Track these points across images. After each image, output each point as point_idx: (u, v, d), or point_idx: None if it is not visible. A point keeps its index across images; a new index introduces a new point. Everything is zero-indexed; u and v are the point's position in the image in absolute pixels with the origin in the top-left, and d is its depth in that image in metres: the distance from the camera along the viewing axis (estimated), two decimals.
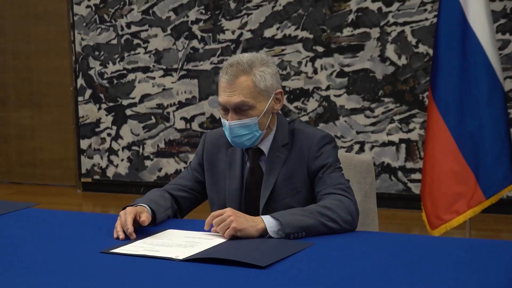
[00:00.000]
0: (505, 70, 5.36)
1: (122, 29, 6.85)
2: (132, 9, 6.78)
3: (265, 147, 3.01)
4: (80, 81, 7.05)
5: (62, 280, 2.37)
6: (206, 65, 6.61)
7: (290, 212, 2.71)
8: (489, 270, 2.34)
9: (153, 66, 6.80)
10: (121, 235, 2.70)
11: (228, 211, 2.66)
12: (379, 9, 6.06)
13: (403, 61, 6.05)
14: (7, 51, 7.43)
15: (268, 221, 2.65)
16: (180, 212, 3.11)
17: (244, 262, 2.39)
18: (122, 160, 7.02)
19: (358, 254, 2.55)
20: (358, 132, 6.22)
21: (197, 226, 2.85)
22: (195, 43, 6.63)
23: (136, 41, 6.82)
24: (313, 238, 2.65)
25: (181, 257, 2.49)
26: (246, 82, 2.86)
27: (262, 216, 2.68)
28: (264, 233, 2.64)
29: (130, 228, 2.70)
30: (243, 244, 2.61)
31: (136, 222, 2.74)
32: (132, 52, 6.85)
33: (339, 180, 2.89)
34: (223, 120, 2.92)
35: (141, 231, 2.76)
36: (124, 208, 2.83)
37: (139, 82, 6.86)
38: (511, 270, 2.34)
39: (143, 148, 6.93)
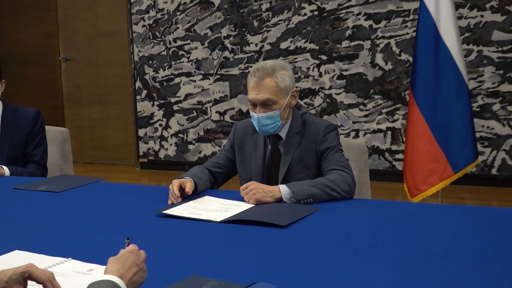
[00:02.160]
0: (469, 73, 5.33)
1: (170, 43, 6.85)
2: (178, 27, 6.78)
3: (283, 133, 3.02)
4: (138, 84, 7.06)
5: (120, 239, 2.39)
6: (235, 71, 6.61)
7: (301, 183, 2.74)
8: (455, 228, 2.36)
9: (194, 71, 6.80)
10: (170, 201, 2.76)
11: (251, 185, 2.71)
12: (370, 26, 6.03)
13: (389, 66, 6.02)
14: (81, 61, 7.46)
15: (283, 190, 2.69)
16: (216, 184, 3.13)
17: (269, 222, 2.42)
18: (171, 144, 7.03)
19: (355, 216, 2.57)
20: (354, 122, 6.21)
21: (229, 195, 2.88)
22: (226, 53, 6.63)
23: (180, 52, 6.82)
24: (319, 204, 2.67)
25: (218, 220, 2.51)
26: (270, 83, 2.88)
27: (279, 186, 2.72)
28: (280, 200, 2.68)
29: (176, 193, 2.76)
30: (266, 208, 2.63)
31: (182, 190, 2.78)
32: (178, 61, 6.85)
33: (340, 159, 2.91)
34: (252, 113, 2.94)
35: (187, 198, 2.79)
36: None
37: (183, 84, 6.87)
38: (472, 228, 2.34)
39: (187, 135, 6.93)
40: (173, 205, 2.72)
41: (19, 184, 3.29)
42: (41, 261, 2.02)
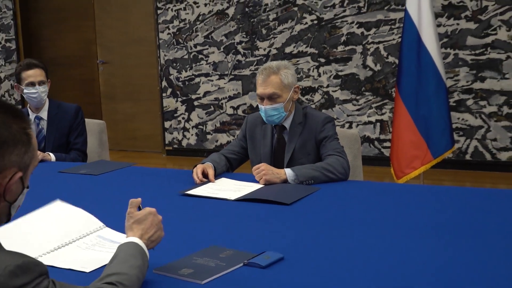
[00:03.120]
0: (447, 73, 5.31)
1: (191, 48, 6.84)
2: (198, 35, 6.77)
3: (287, 124, 3.03)
4: (164, 83, 7.06)
5: (157, 205, 2.40)
6: (246, 72, 6.59)
7: (303, 167, 2.75)
8: (434, 205, 2.36)
9: (212, 72, 6.79)
10: (196, 181, 2.77)
11: (262, 165, 2.73)
12: (362, 33, 6.01)
13: (378, 67, 6.00)
14: (115, 64, 7.46)
15: (288, 173, 2.70)
16: (231, 167, 3.13)
17: (275, 201, 2.43)
18: (192, 135, 7.03)
19: (350, 195, 2.57)
20: (348, 115, 6.20)
21: (242, 177, 2.89)
22: (239, 57, 6.61)
23: (200, 56, 6.81)
24: (318, 185, 2.67)
25: (233, 198, 2.52)
26: (276, 79, 2.90)
27: (285, 169, 2.73)
28: (285, 181, 2.69)
29: (200, 177, 2.78)
30: (273, 189, 2.63)
31: (203, 173, 2.80)
32: (198, 64, 6.85)
33: (337, 146, 2.91)
34: (260, 106, 2.96)
35: (206, 179, 2.80)
36: (195, 166, 2.87)
37: (202, 83, 6.86)
38: (449, 205, 2.34)
39: (206, 127, 6.94)
40: (195, 185, 2.73)
41: (63, 168, 3.31)
42: (81, 216, 2.09)
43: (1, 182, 1.32)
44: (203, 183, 2.76)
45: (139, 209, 1.75)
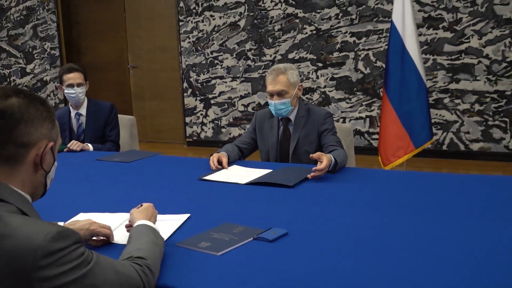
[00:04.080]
0: (427, 75, 5.30)
1: (208, 55, 6.83)
2: (214, 43, 6.76)
3: (292, 117, 3.02)
4: (185, 84, 7.06)
5: (173, 196, 2.40)
6: (255, 75, 6.58)
7: (337, 158, 2.60)
8: (415, 188, 2.36)
9: (225, 75, 6.78)
10: (212, 168, 2.76)
11: (321, 156, 2.52)
12: (354, 41, 5.98)
13: (368, 71, 5.97)
14: (143, 68, 7.47)
15: (333, 161, 2.55)
16: (242, 156, 3.12)
17: (280, 183, 2.42)
18: (209, 128, 7.03)
19: (345, 179, 2.55)
20: (342, 112, 6.17)
21: (252, 164, 2.89)
22: (249, 62, 6.60)
23: (216, 61, 6.80)
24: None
25: (243, 182, 2.51)
26: (283, 78, 2.92)
27: (331, 155, 2.56)
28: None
29: (216, 164, 2.78)
30: (278, 173, 2.62)
31: (218, 161, 2.80)
32: (213, 68, 6.83)
33: (337, 139, 2.92)
34: (269, 101, 2.97)
35: (221, 166, 2.80)
36: (212, 155, 2.87)
37: (217, 85, 6.85)
38: (428, 188, 2.34)
39: (220, 122, 6.93)
40: (211, 171, 2.72)
41: (99, 156, 3.31)
42: (108, 215, 2.05)
43: (38, 153, 1.35)
44: (218, 169, 2.75)
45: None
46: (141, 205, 1.81)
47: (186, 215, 2.02)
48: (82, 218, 1.88)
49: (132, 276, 1.37)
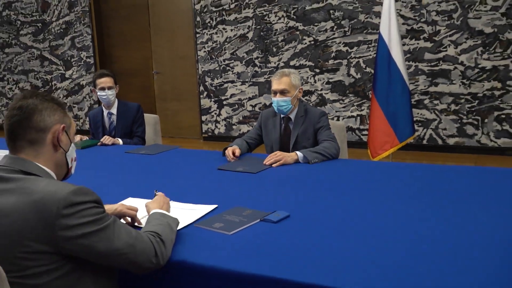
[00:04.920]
0: (410, 80, 5.27)
1: (221, 62, 6.82)
2: (226, 52, 6.74)
3: (292, 116, 3.00)
4: (201, 88, 7.05)
5: (191, 183, 2.40)
6: (261, 79, 6.56)
7: (308, 150, 2.69)
8: (399, 176, 2.35)
9: (236, 80, 6.77)
10: (228, 158, 2.76)
11: (278, 152, 2.68)
12: (347, 50, 5.95)
13: (359, 76, 5.95)
14: (166, 74, 7.46)
15: (299, 155, 2.65)
16: (250, 149, 3.10)
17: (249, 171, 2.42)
18: (222, 125, 7.02)
19: (339, 169, 2.55)
20: (336, 111, 6.15)
21: (259, 156, 2.87)
22: (256, 68, 6.58)
23: (227, 68, 6.79)
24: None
25: (254, 171, 2.51)
26: (287, 79, 2.92)
27: (296, 152, 2.68)
28: (296, 161, 2.65)
29: (231, 156, 2.77)
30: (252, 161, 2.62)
31: (233, 153, 2.79)
32: (225, 73, 6.82)
33: (330, 134, 2.89)
34: (273, 99, 2.96)
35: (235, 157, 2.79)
36: (225, 148, 2.87)
37: (229, 88, 6.84)
38: (409, 176, 2.33)
39: (232, 120, 6.93)
40: (227, 162, 2.72)
41: (128, 149, 3.32)
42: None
43: (54, 135, 1.42)
44: (233, 161, 2.75)
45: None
46: (156, 194, 1.79)
47: (213, 206, 1.96)
48: (129, 203, 1.90)
49: (145, 241, 1.39)
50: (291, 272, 1.37)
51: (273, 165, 2.61)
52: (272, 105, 3.00)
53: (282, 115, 3.03)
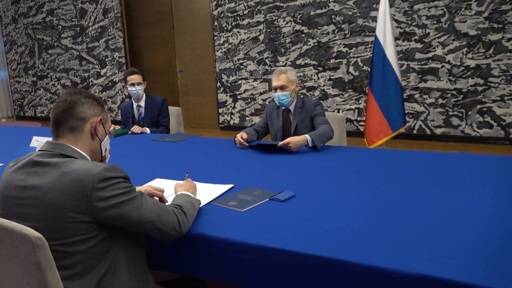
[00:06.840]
0: (402, 76, 5.22)
1: (236, 62, 6.79)
2: (240, 52, 6.71)
3: (291, 108, 2.98)
4: (218, 84, 7.04)
5: (214, 165, 2.40)
6: (271, 77, 6.52)
7: (314, 134, 2.64)
8: (392, 161, 2.33)
9: (249, 77, 6.74)
10: (238, 145, 2.77)
11: (290, 138, 2.60)
12: (346, 50, 5.89)
13: (357, 73, 5.89)
14: (188, 72, 7.46)
15: (308, 138, 2.60)
16: (259, 136, 3.09)
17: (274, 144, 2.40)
18: (236, 117, 7.02)
19: (340, 154, 2.53)
20: (337, 105, 6.11)
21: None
22: (266, 67, 6.55)
23: (241, 66, 6.77)
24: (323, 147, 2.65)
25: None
26: (284, 76, 2.89)
27: (305, 135, 2.62)
28: (305, 144, 2.61)
29: (241, 141, 2.77)
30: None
31: (243, 139, 2.79)
32: (240, 71, 6.80)
33: (324, 119, 2.86)
34: (274, 94, 2.94)
35: (243, 145, 2.79)
36: (235, 136, 2.86)
37: (243, 84, 6.82)
38: (400, 161, 2.31)
39: (245, 112, 6.92)
40: (254, 142, 2.77)
41: (155, 137, 3.33)
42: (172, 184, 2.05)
43: (92, 125, 1.45)
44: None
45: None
46: (186, 176, 1.80)
47: (230, 185, 1.94)
48: (156, 183, 1.92)
49: (170, 212, 1.42)
50: (296, 244, 1.38)
51: (292, 148, 2.56)
52: (274, 100, 2.98)
53: (283, 108, 3.01)
